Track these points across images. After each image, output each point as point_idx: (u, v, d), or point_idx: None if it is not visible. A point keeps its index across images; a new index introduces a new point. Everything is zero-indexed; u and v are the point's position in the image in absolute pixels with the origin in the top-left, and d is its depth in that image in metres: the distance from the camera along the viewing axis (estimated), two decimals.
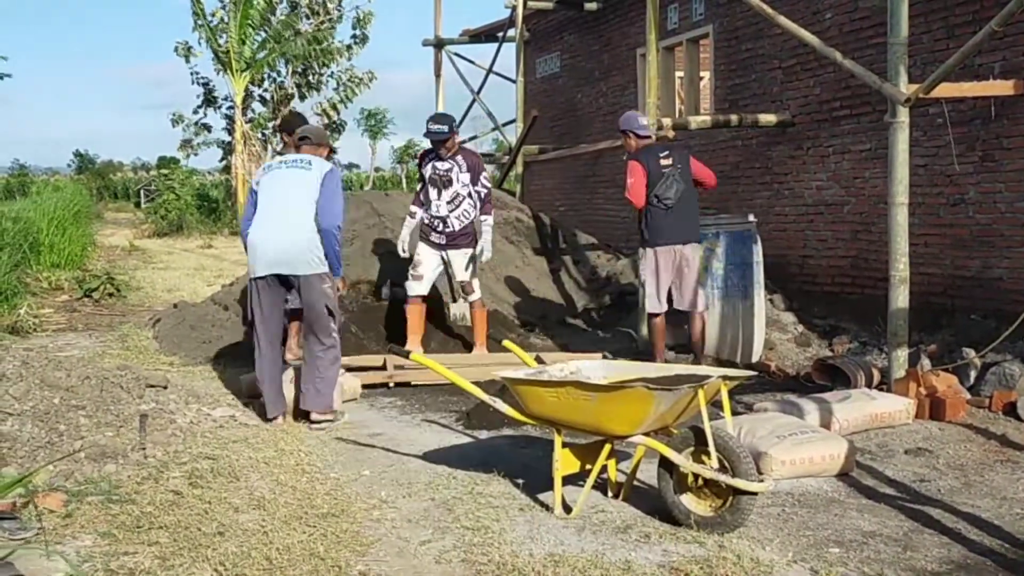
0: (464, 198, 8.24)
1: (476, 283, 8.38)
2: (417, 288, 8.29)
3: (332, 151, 7.12)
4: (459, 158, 8.27)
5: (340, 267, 6.41)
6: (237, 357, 8.63)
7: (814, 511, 4.69)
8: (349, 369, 7.79)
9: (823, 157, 10.12)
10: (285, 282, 6.32)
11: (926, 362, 7.25)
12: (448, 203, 8.21)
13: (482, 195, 8.30)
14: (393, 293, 8.88)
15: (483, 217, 8.37)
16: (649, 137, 8.17)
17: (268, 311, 6.34)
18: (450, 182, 8.22)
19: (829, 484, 5.13)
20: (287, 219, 6.21)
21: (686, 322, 8.15)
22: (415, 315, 8.29)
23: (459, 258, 8.30)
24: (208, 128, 30.75)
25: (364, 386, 7.39)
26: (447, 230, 8.25)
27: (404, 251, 8.53)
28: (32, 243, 14.65)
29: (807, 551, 4.12)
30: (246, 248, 6.39)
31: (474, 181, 8.25)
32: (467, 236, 8.31)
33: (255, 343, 6.38)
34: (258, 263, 6.24)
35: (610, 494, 4.84)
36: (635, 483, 4.88)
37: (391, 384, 7.67)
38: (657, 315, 7.93)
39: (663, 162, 7.87)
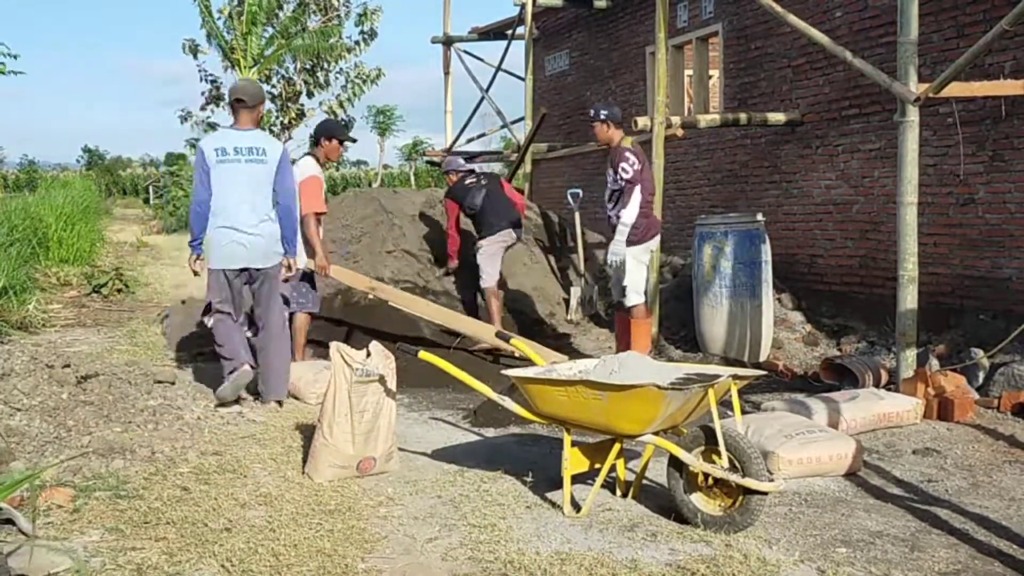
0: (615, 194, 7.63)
1: (629, 289, 7.56)
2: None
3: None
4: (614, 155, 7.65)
5: (297, 241, 6.77)
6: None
7: (821, 511, 4.68)
8: None
9: (832, 156, 10.09)
10: (244, 272, 6.58)
11: (934, 362, 7.24)
12: (607, 201, 7.73)
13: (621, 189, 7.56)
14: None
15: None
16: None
17: (234, 300, 6.58)
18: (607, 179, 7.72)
19: (836, 484, 5.12)
20: (254, 217, 6.48)
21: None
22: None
23: (609, 256, 7.63)
24: (214, 127, 30.80)
25: None
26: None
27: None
28: (41, 239, 14.67)
29: (814, 551, 4.12)
30: (195, 228, 6.61)
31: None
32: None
33: (218, 320, 6.52)
34: (226, 257, 6.48)
35: (618, 492, 4.84)
36: (643, 481, 4.88)
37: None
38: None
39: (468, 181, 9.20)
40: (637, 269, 7.58)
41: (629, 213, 7.40)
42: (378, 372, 5.07)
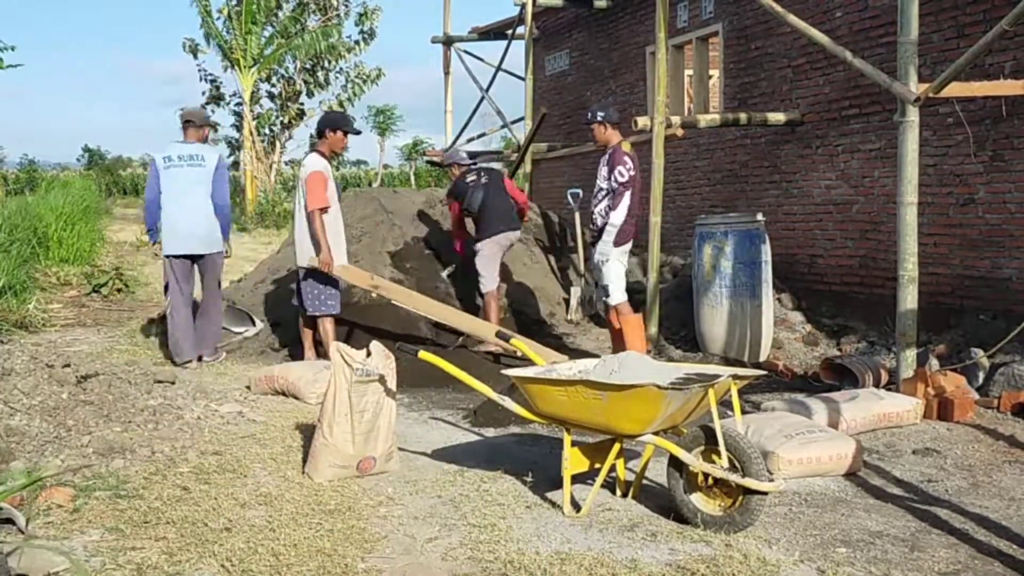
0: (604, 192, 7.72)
1: (611, 288, 7.70)
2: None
3: (214, 127, 8.76)
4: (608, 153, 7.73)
5: (229, 232, 8.33)
6: (246, 353, 8.66)
7: (821, 510, 4.68)
8: None
9: (832, 156, 10.09)
10: (190, 257, 8.10)
11: (934, 362, 7.24)
12: (593, 197, 7.85)
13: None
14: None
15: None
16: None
17: (183, 280, 8.08)
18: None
19: (836, 484, 5.12)
20: (195, 211, 7.98)
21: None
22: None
23: (596, 256, 7.80)
24: (214, 127, 30.76)
25: None
26: (593, 226, 7.88)
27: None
28: (41, 238, 14.67)
29: (814, 551, 4.12)
30: (148, 221, 8.22)
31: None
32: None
33: (174, 308, 8.00)
34: (173, 244, 7.99)
35: (618, 492, 4.84)
36: (643, 481, 4.88)
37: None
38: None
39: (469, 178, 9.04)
40: (618, 268, 7.69)
41: (618, 215, 7.53)
42: (378, 372, 5.08)
